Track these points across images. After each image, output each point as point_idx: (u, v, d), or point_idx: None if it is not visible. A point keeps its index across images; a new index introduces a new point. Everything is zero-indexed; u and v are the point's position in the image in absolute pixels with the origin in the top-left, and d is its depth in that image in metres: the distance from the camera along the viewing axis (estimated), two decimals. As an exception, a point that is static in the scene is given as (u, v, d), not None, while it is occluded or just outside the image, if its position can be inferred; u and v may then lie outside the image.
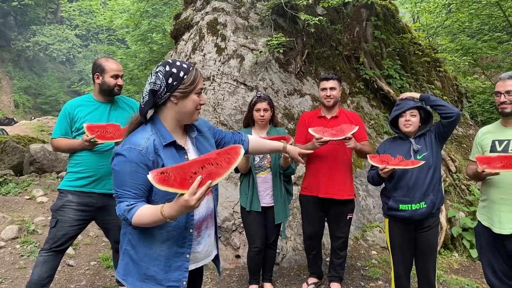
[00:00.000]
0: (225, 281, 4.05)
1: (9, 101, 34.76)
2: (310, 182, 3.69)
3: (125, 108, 3.28)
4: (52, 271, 3.09)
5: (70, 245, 3.21)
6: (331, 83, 3.59)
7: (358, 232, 5.20)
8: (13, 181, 5.85)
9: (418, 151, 3.03)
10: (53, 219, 3.08)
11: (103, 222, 3.28)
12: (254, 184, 3.50)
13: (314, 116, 3.76)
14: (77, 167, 3.10)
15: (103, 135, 2.96)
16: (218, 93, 5.55)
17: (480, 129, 3.13)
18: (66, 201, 3.07)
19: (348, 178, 3.66)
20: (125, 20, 14.17)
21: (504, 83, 2.83)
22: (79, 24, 38.06)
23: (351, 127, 3.33)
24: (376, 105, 6.66)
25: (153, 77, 1.81)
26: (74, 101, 3.22)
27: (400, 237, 3.11)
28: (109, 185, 3.14)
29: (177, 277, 1.84)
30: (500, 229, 2.78)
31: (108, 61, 3.18)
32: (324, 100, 3.64)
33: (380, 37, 6.97)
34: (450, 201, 5.96)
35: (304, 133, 3.63)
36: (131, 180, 1.72)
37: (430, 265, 3.14)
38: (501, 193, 2.81)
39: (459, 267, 5.13)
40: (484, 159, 2.73)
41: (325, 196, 3.59)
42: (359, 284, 4.05)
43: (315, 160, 3.64)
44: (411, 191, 2.99)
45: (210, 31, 6.05)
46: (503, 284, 2.89)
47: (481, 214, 2.99)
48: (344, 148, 3.54)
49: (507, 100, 2.79)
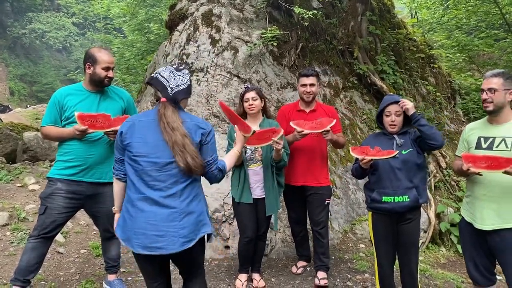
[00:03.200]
0: (213, 271, 4.11)
1: (4, 89, 34.51)
2: (289, 172, 3.90)
3: (115, 98, 3.29)
4: (41, 258, 3.13)
5: (58, 232, 3.25)
6: (310, 80, 3.82)
7: (347, 226, 5.26)
8: (5, 168, 5.85)
9: (402, 145, 3.08)
10: (42, 206, 3.10)
11: (92, 211, 3.32)
12: (246, 176, 3.56)
13: (293, 110, 3.97)
14: (67, 155, 3.12)
15: (93, 125, 2.98)
16: (211, 84, 5.56)
17: (467, 125, 3.17)
18: (55, 188, 3.10)
19: (324, 167, 3.97)
20: (122, 9, 14.11)
21: (487, 81, 2.85)
22: (76, 12, 37.80)
23: (329, 120, 3.58)
24: (369, 100, 6.70)
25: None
26: (64, 90, 3.22)
27: (382, 229, 3.18)
28: (98, 174, 3.18)
29: None
30: (481, 225, 2.83)
31: (101, 52, 3.16)
32: (303, 95, 3.86)
33: (374, 32, 6.99)
34: (439, 196, 6.03)
35: (284, 125, 3.81)
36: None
37: (412, 257, 3.20)
38: (484, 190, 2.85)
39: (446, 261, 5.21)
40: (470, 158, 2.77)
41: (304, 184, 3.86)
42: (345, 277, 4.11)
43: (295, 152, 3.86)
44: (395, 184, 3.06)
45: (205, 22, 6.04)
46: (484, 278, 2.96)
47: (465, 210, 3.05)
48: (321, 140, 3.79)
49: (488, 98, 2.81)
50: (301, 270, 4.14)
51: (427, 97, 7.64)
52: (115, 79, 15.57)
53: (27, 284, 3.11)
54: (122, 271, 3.80)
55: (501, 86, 2.78)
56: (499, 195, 2.78)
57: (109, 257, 3.44)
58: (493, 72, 2.87)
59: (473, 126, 3.07)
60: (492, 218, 2.79)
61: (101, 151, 3.18)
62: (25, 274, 3.07)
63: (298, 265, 4.19)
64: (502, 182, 2.75)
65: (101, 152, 3.18)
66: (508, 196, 2.76)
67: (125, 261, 4.07)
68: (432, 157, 6.35)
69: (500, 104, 2.80)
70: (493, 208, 2.79)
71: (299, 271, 4.12)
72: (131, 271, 3.93)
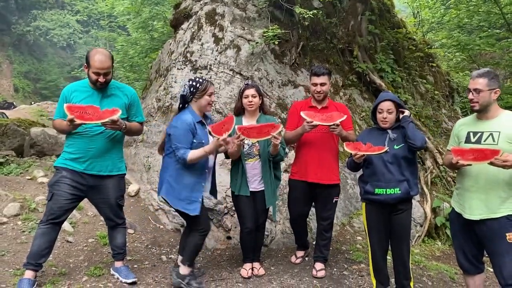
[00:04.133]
0: (215, 260, 4.29)
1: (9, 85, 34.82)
2: (300, 168, 3.95)
3: (118, 95, 3.41)
4: (51, 243, 3.33)
5: (66, 218, 3.43)
6: (321, 79, 3.82)
7: (345, 219, 5.43)
8: (14, 161, 6.04)
9: (395, 140, 3.25)
10: (49, 193, 3.31)
11: (95, 201, 3.53)
12: (244, 170, 3.71)
13: (305, 106, 3.99)
14: (71, 147, 3.32)
15: (81, 116, 3.06)
16: (214, 82, 5.72)
17: (458, 121, 3.32)
18: (61, 176, 3.28)
19: (335, 164, 3.96)
20: (126, 8, 14.23)
21: (473, 81, 2.96)
22: (81, 10, 37.96)
23: (340, 115, 3.60)
24: (368, 98, 6.86)
25: (182, 88, 3.47)
26: (71, 86, 3.39)
27: (375, 219, 3.36)
28: (98, 167, 3.35)
29: (197, 195, 3.34)
30: (470, 215, 2.98)
31: (96, 56, 3.20)
32: (315, 94, 3.89)
33: (374, 31, 7.15)
34: (436, 192, 6.19)
35: (296, 120, 3.86)
36: (185, 138, 3.25)
37: (404, 247, 3.37)
38: (472, 181, 3.00)
39: (440, 254, 5.37)
40: (459, 151, 2.92)
41: (314, 181, 3.85)
42: (342, 266, 4.28)
43: (305, 147, 3.90)
44: (387, 177, 3.23)
45: (209, 21, 6.21)
46: (473, 266, 3.13)
47: (455, 201, 3.20)
48: (332, 136, 3.80)
49: (474, 98, 2.93)
50: (300, 260, 4.27)
51: (426, 95, 7.79)
52: (119, 77, 15.74)
53: (39, 267, 3.32)
54: (128, 259, 3.98)
55: (485, 87, 2.89)
56: (486, 186, 2.92)
57: (116, 244, 3.63)
58: (478, 73, 2.98)
59: (463, 122, 3.22)
60: (480, 208, 2.93)
61: (100, 145, 3.33)
62: (37, 258, 3.27)
63: (297, 254, 4.33)
64: (488, 174, 2.89)
65: (101, 146, 3.33)
66: (495, 188, 2.90)
67: (131, 250, 4.25)
68: (429, 154, 6.51)
69: (485, 103, 2.93)
70: (481, 199, 2.94)
71: (298, 261, 4.26)
72: (137, 259, 4.12)
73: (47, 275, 3.53)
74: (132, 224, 4.77)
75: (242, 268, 3.92)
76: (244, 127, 3.40)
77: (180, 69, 5.94)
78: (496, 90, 2.93)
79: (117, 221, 3.60)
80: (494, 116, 2.97)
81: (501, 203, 2.88)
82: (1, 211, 4.45)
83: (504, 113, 2.98)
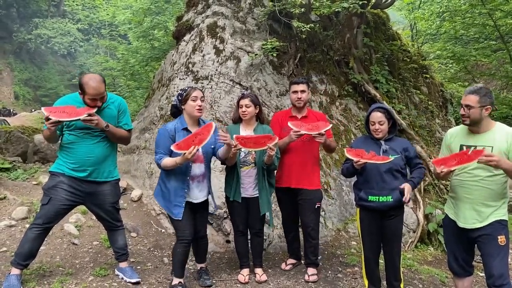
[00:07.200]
0: (215, 262, 4.47)
1: (9, 93, 34.99)
2: (283, 175, 4.17)
3: (111, 107, 3.51)
4: (40, 245, 3.48)
5: (57, 223, 3.56)
6: (301, 87, 4.08)
7: (340, 224, 5.62)
8: (21, 167, 6.24)
9: (387, 151, 3.42)
10: (46, 197, 3.36)
11: (92, 207, 3.63)
12: (238, 177, 3.87)
13: (286, 116, 4.23)
14: (69, 157, 3.39)
15: (59, 115, 3.12)
16: (215, 91, 5.96)
17: (448, 131, 3.43)
18: (59, 181, 3.37)
19: (316, 170, 4.22)
20: (128, 17, 14.44)
21: (465, 97, 3.06)
22: (82, 18, 38.35)
23: (325, 124, 3.85)
24: (363, 108, 7.08)
25: (174, 98, 3.70)
26: (66, 98, 3.46)
27: (368, 223, 3.54)
28: (95, 174, 3.48)
29: (180, 200, 3.50)
30: (464, 224, 3.15)
31: (89, 84, 3.22)
32: (295, 102, 4.11)
33: (369, 44, 7.40)
34: (428, 199, 6.38)
35: (278, 130, 4.10)
36: (162, 144, 3.45)
37: (395, 251, 3.54)
38: (466, 192, 3.15)
39: (432, 259, 5.54)
40: (440, 161, 3.07)
41: (297, 187, 4.09)
42: (336, 269, 4.46)
43: (288, 156, 4.11)
44: (380, 185, 3.40)
45: (210, 33, 6.45)
46: (462, 269, 3.31)
47: (449, 208, 3.36)
48: (313, 144, 4.05)
49: (465, 113, 3.05)
50: (290, 267, 4.36)
51: (420, 105, 8.02)
52: (119, 85, 15.94)
53: (26, 267, 3.47)
54: (131, 261, 4.15)
55: (476, 104, 2.97)
56: (479, 198, 3.08)
57: (117, 246, 3.80)
58: (470, 89, 3.08)
59: (455, 133, 3.31)
60: (474, 218, 3.10)
61: (99, 154, 3.46)
62: (26, 259, 3.39)
63: (287, 262, 4.42)
64: (482, 187, 3.06)
65: (99, 155, 3.46)
66: (488, 199, 3.06)
67: (134, 252, 4.44)
68: (423, 162, 6.71)
69: (476, 119, 3.02)
70: (474, 209, 3.10)
71: (288, 268, 4.35)
72: (140, 261, 4.30)
73: (55, 275, 3.70)
74: (135, 228, 4.96)
75: (239, 274, 4.02)
76: (241, 137, 3.58)
77: (182, 79, 6.17)
78: (487, 107, 2.99)
79: (116, 223, 3.76)
80: (486, 130, 3.06)
81: (492, 212, 3.06)
82: (10, 215, 4.65)
83: (496, 126, 3.07)
